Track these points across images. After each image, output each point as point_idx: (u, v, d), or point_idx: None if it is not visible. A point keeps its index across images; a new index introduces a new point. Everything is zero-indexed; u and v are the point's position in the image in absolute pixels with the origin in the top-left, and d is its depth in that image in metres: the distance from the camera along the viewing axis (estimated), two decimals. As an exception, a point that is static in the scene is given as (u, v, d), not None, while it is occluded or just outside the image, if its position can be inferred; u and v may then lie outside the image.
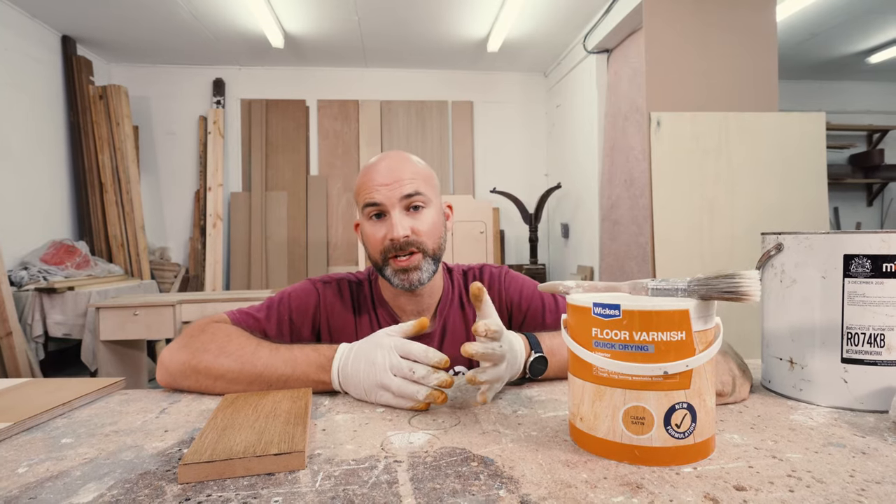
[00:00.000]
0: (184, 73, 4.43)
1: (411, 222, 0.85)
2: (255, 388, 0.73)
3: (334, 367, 0.71)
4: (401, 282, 0.86)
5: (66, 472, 0.51)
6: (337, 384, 0.72)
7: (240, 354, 0.74)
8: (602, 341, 0.51)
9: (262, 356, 0.73)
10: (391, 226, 0.84)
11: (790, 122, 2.53)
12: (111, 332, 2.69)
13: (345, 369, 0.70)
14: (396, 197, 0.84)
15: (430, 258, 0.87)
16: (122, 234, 3.94)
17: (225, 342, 0.76)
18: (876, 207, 5.29)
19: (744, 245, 2.50)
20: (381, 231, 0.86)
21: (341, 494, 0.45)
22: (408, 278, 0.85)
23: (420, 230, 0.85)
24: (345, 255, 4.52)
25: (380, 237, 0.86)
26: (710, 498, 0.44)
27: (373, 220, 0.87)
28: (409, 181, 0.85)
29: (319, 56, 4.28)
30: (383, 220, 0.86)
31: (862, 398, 0.64)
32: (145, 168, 4.37)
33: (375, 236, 0.86)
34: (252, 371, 0.72)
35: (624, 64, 3.49)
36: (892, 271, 0.63)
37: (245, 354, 0.74)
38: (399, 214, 0.84)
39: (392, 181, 0.84)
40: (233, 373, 0.73)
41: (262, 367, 0.73)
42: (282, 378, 0.72)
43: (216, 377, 0.73)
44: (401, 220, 0.84)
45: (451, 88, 4.68)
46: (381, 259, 0.87)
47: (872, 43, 4.15)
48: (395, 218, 0.84)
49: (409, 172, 0.86)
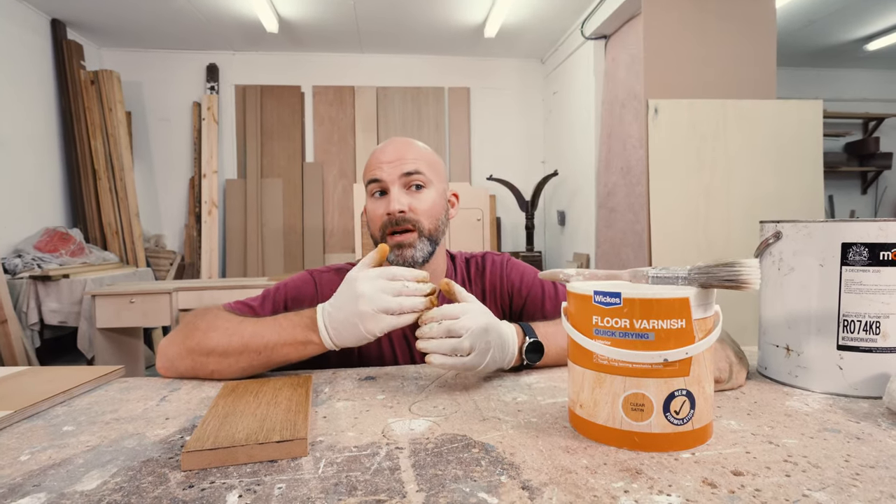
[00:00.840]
0: (177, 58, 4.36)
1: (410, 200, 0.87)
2: (245, 360, 0.73)
3: (320, 319, 0.71)
4: (396, 257, 0.87)
5: (69, 460, 0.51)
6: (326, 336, 0.70)
7: (226, 327, 0.75)
8: (603, 329, 0.52)
9: (248, 326, 0.75)
10: (389, 200, 0.86)
11: (787, 110, 2.53)
12: (107, 319, 2.69)
13: (333, 316, 0.70)
14: (397, 174, 0.86)
15: (427, 238, 0.88)
16: (117, 222, 3.91)
17: (214, 320, 0.78)
18: (870, 195, 5.32)
19: (740, 232, 2.51)
20: (381, 207, 0.88)
21: (344, 481, 0.46)
22: (402, 254, 0.86)
23: (417, 209, 0.87)
24: (341, 243, 4.51)
25: (380, 213, 0.87)
26: (709, 483, 0.44)
27: (375, 196, 0.89)
28: (412, 161, 0.88)
29: (314, 41, 4.22)
30: (384, 197, 0.88)
31: (856, 384, 0.65)
32: (139, 155, 4.33)
33: (376, 212, 0.88)
34: (240, 342, 0.73)
35: (622, 50, 3.46)
36: (889, 259, 0.63)
37: (231, 327, 0.75)
38: (398, 190, 0.86)
39: (395, 159, 0.87)
40: (221, 346, 0.73)
41: (249, 337, 0.73)
42: (269, 345, 0.72)
43: (207, 353, 0.74)
44: (399, 195, 0.86)
45: (447, 75, 4.64)
46: (381, 236, 0.88)
47: (870, 30, 4.13)
48: (393, 193, 0.86)
49: (412, 153, 0.89)
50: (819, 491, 0.43)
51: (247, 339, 0.73)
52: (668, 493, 0.42)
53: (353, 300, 0.68)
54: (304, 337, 0.72)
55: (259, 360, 0.73)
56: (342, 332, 0.69)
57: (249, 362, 0.73)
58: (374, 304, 0.67)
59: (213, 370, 0.75)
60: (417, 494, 0.43)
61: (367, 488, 0.44)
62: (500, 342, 0.69)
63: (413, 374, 0.78)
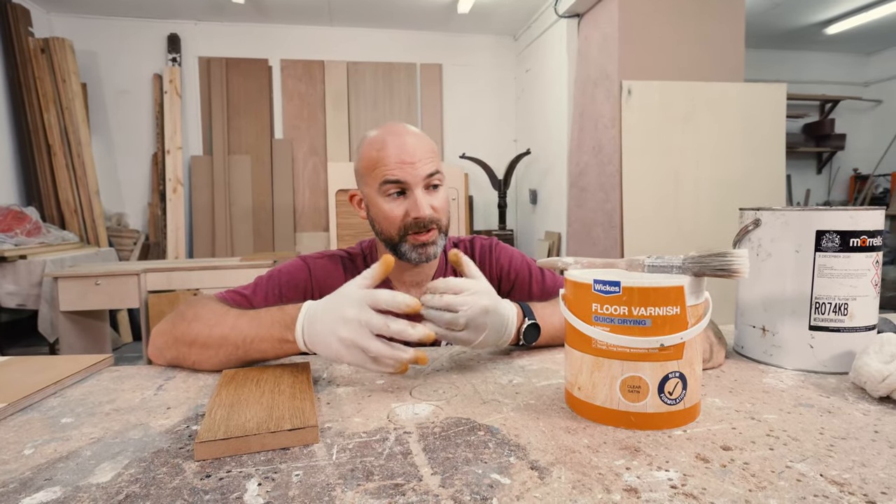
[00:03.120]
0: (134, 26, 4.14)
1: (430, 200, 0.86)
2: (223, 353, 0.71)
3: (298, 324, 0.67)
4: (418, 256, 0.87)
5: (76, 453, 0.51)
6: (302, 343, 0.67)
7: (209, 318, 0.74)
8: (602, 316, 0.54)
9: (230, 319, 0.73)
10: (415, 205, 0.84)
11: (753, 93, 2.61)
12: (72, 302, 2.60)
13: (311, 327, 0.66)
14: (421, 176, 0.84)
15: (444, 234, 0.90)
16: (75, 200, 3.75)
17: (201, 310, 0.76)
18: (825, 175, 5.56)
19: (707, 212, 2.60)
20: (401, 208, 0.85)
21: (359, 466, 0.47)
22: (426, 252, 0.87)
23: (439, 208, 0.87)
24: (312, 221, 4.45)
25: (400, 214, 0.85)
26: (701, 458, 0.48)
27: (391, 196, 0.86)
28: (430, 160, 0.86)
29: (282, 12, 4.07)
30: (403, 197, 0.86)
31: (825, 362, 0.70)
32: (96, 129, 4.12)
33: (394, 212, 0.86)
34: (220, 334, 0.71)
35: (594, 29, 3.48)
36: (858, 246, 0.68)
37: (214, 318, 0.73)
38: (421, 193, 0.85)
39: (416, 160, 0.84)
40: (202, 336, 0.72)
41: (229, 330, 0.71)
42: (247, 339, 0.70)
43: (190, 343, 0.73)
44: (423, 198, 0.84)
45: (419, 50, 4.57)
46: (399, 235, 0.87)
47: (831, 14, 4.27)
48: (419, 197, 0.84)
49: (427, 150, 0.86)
50: (800, 462, 0.47)
51: (226, 332, 0.71)
52: (666, 469, 0.46)
53: (335, 320, 0.63)
54: (281, 335, 0.69)
55: (237, 355, 0.71)
56: (316, 343, 0.66)
57: (227, 356, 0.71)
58: (351, 335, 0.62)
59: (195, 361, 0.74)
60: (433, 477, 0.45)
61: (384, 473, 0.46)
62: (498, 323, 0.71)
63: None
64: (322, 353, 0.66)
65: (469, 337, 0.70)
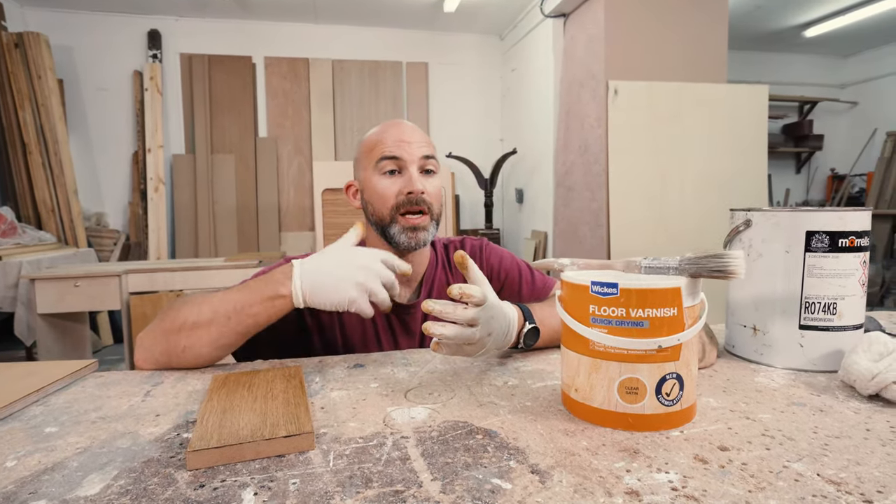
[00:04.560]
0: (113, 21, 4.05)
1: (424, 183, 0.87)
2: (215, 329, 0.72)
3: (296, 273, 0.72)
4: (408, 239, 0.87)
5: (62, 464, 0.49)
6: (299, 291, 0.71)
7: (197, 300, 0.76)
8: (599, 317, 0.54)
9: (218, 294, 0.76)
10: (409, 180, 0.86)
11: (737, 94, 2.64)
12: (50, 304, 2.53)
13: (315, 273, 0.71)
14: (417, 155, 0.87)
15: (435, 222, 0.90)
16: (52, 199, 3.66)
17: (187, 300, 0.78)
18: (803, 175, 5.68)
19: (693, 211, 2.63)
20: (395, 186, 0.87)
21: (357, 473, 0.46)
22: (416, 236, 0.87)
23: (431, 192, 0.88)
24: (297, 221, 4.41)
25: (394, 191, 0.86)
26: (700, 459, 0.48)
27: (386, 175, 0.87)
28: (427, 145, 0.90)
29: (266, 9, 4.02)
30: (397, 176, 0.87)
31: (815, 360, 0.71)
32: (74, 127, 4.03)
33: (389, 190, 0.87)
34: (209, 309, 0.73)
35: (580, 30, 3.49)
36: (847, 246, 0.69)
37: (201, 298, 0.76)
38: (416, 171, 0.87)
39: (413, 140, 0.88)
40: (192, 317, 0.73)
41: (218, 302, 0.74)
42: (237, 306, 0.72)
43: (178, 328, 0.73)
44: (417, 176, 0.87)
45: (405, 49, 4.55)
46: (391, 216, 0.87)
47: (810, 16, 4.35)
48: (413, 173, 0.86)
49: (424, 138, 0.90)
50: (797, 462, 0.47)
51: (216, 305, 0.73)
52: (666, 471, 0.46)
53: (352, 267, 0.70)
54: (272, 291, 0.72)
55: (229, 326, 0.72)
56: (320, 291, 0.71)
57: (220, 330, 0.72)
58: (368, 279, 0.70)
59: (185, 346, 0.73)
60: (433, 483, 0.44)
61: (383, 480, 0.45)
62: (503, 328, 0.70)
63: (402, 361, 0.79)
64: (327, 302, 0.71)
65: (475, 350, 0.68)
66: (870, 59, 5.35)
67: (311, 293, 0.71)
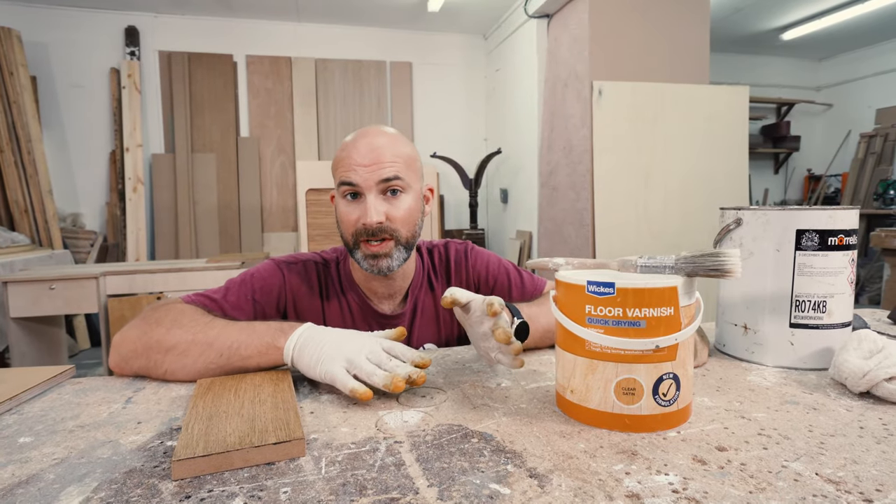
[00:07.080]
0: (88, 17, 3.95)
1: (387, 207, 0.81)
2: (202, 361, 0.68)
3: (295, 334, 0.67)
4: (370, 266, 0.83)
5: (37, 476, 0.46)
6: (290, 350, 0.66)
7: (191, 325, 0.71)
8: (596, 318, 0.53)
9: (217, 325, 0.71)
10: (365, 210, 0.80)
11: (718, 95, 2.68)
12: (23, 308, 2.45)
13: (304, 347, 0.66)
14: (374, 180, 0.80)
15: (403, 246, 0.84)
16: (26, 199, 3.55)
17: (179, 316, 0.74)
18: (781, 175, 5.79)
19: (676, 210, 2.66)
20: (354, 213, 0.82)
21: (351, 480, 0.45)
22: (377, 264, 0.83)
23: (395, 217, 0.82)
24: (280, 221, 4.35)
25: (353, 219, 0.82)
26: (698, 460, 0.47)
27: (347, 199, 0.83)
28: (390, 164, 0.81)
29: (247, 6, 3.96)
30: (358, 200, 0.82)
31: (805, 358, 0.71)
32: (48, 125, 3.91)
33: (349, 216, 0.82)
34: (204, 340, 0.69)
35: (564, 30, 3.51)
36: (836, 244, 0.69)
37: (197, 326, 0.71)
38: (374, 198, 0.80)
39: (371, 162, 0.80)
40: (183, 343, 0.69)
41: (215, 336, 0.69)
42: (233, 346, 0.68)
43: (167, 350, 0.69)
44: (376, 204, 0.80)
45: (389, 48, 4.52)
46: (353, 241, 0.84)
47: (788, 20, 4.44)
48: (369, 202, 0.80)
49: (390, 154, 0.81)
50: (795, 461, 0.47)
51: (212, 339, 0.69)
52: (665, 473, 0.45)
53: (338, 353, 0.64)
54: (271, 339, 0.68)
55: (218, 363, 0.68)
56: (300, 362, 0.66)
57: (206, 364, 0.68)
58: (347, 351, 0.64)
59: (168, 370, 0.70)
60: (430, 490, 0.43)
61: (377, 487, 0.44)
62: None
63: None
64: (304, 370, 0.66)
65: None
66: (844, 62, 5.48)
67: (298, 358, 0.66)
